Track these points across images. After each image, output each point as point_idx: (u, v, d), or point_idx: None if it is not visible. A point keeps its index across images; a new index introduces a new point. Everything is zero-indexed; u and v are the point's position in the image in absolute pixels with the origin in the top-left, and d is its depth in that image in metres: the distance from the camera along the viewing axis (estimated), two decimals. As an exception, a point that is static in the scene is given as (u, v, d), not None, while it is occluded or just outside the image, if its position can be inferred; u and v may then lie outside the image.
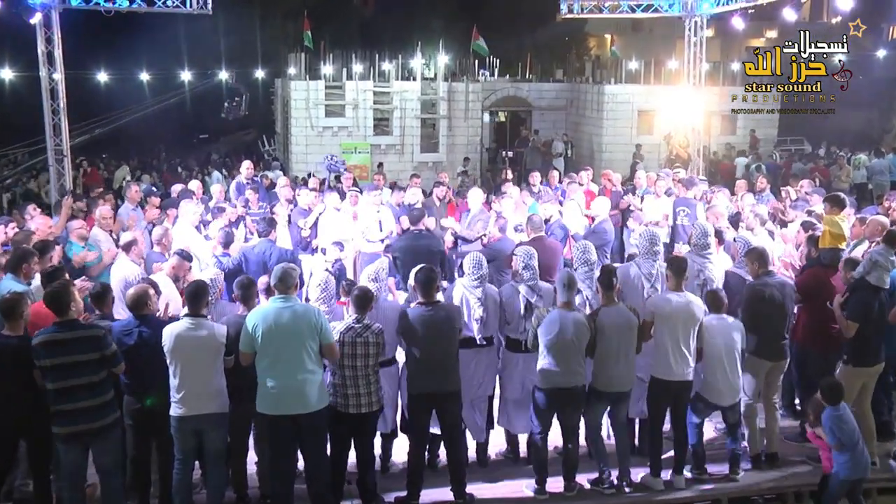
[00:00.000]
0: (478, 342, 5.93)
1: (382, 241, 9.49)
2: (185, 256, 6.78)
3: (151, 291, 5.47)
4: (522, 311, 5.96)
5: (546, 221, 9.18)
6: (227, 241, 7.81)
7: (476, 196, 9.80)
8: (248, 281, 5.78)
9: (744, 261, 6.51)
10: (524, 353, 5.96)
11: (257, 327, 5.12)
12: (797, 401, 7.13)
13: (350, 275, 9.11)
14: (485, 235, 8.94)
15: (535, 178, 11.66)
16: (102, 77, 27.27)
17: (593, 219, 9.24)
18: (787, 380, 6.76)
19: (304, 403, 5.15)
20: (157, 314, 5.58)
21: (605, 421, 6.13)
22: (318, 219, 9.40)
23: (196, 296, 5.31)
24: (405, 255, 7.80)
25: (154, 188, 11.54)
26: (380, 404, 5.52)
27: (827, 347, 6.45)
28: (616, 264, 7.13)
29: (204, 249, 7.96)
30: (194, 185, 11.01)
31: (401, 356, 5.95)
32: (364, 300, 5.44)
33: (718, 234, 7.33)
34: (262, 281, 6.31)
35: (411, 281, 5.86)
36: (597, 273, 6.02)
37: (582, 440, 5.99)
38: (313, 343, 5.17)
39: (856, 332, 6.08)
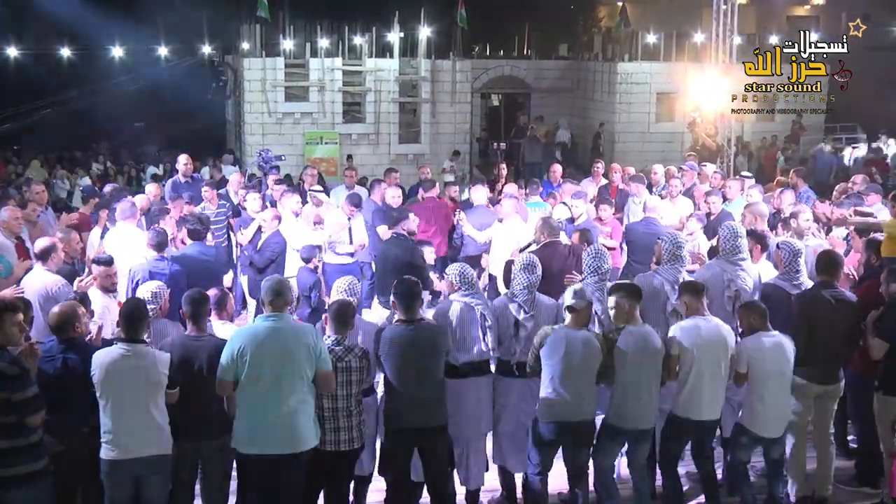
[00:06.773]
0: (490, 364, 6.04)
1: (352, 254, 9.51)
2: (107, 262, 6.75)
3: (81, 310, 5.44)
4: (513, 330, 6.02)
5: (571, 221, 9.29)
6: (161, 242, 7.56)
7: (480, 194, 10.03)
8: (200, 296, 5.73)
9: (792, 271, 6.54)
10: (518, 377, 6.01)
11: (244, 350, 5.12)
12: (850, 437, 7.20)
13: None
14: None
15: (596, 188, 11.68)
16: (12, 52, 26.98)
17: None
18: (840, 413, 6.81)
19: (299, 440, 5.20)
20: (88, 338, 5.54)
21: (620, 460, 6.18)
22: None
23: (133, 317, 5.29)
24: (377, 263, 7.86)
25: (95, 188, 11.33)
26: (361, 441, 5.56)
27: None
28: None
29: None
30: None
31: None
32: (343, 315, 5.46)
33: (761, 239, 7.37)
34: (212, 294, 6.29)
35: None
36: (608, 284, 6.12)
37: (591, 485, 6.00)
38: (309, 370, 5.20)
39: (888, 355, 6.05)
